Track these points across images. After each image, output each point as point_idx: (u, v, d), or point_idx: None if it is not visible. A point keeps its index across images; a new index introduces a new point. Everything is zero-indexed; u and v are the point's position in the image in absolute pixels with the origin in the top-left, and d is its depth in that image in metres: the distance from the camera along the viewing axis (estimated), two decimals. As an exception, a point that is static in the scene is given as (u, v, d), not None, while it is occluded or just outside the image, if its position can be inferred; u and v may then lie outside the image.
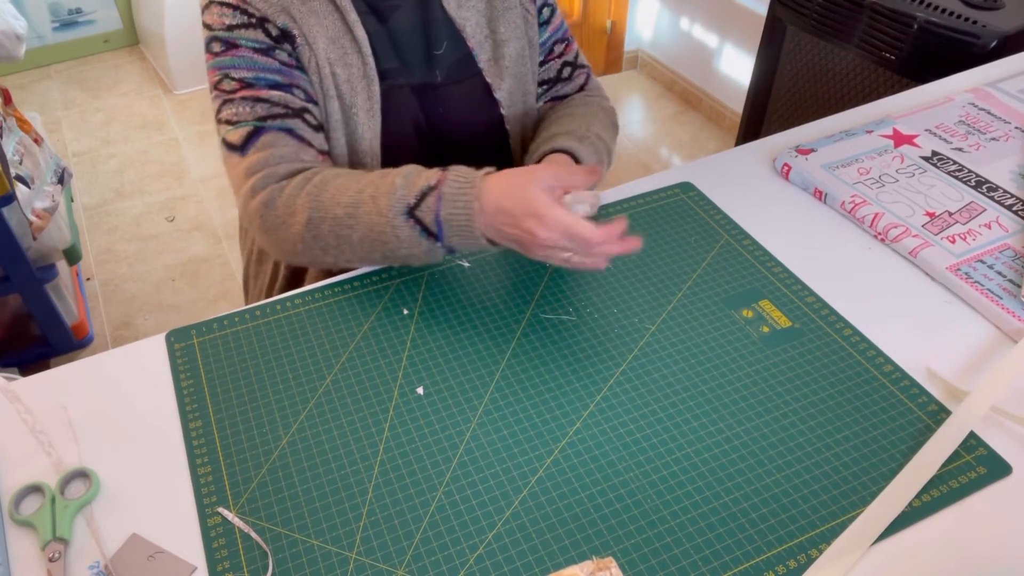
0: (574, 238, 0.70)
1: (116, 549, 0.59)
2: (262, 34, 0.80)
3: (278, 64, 0.81)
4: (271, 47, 0.81)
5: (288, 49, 0.81)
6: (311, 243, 0.78)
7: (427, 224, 0.74)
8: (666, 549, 0.59)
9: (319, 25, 0.82)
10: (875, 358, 0.72)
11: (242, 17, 0.80)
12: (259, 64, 0.80)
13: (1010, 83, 1.08)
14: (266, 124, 0.80)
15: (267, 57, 0.80)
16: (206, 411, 0.69)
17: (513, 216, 0.71)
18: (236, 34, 0.80)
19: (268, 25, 0.80)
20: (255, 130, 0.80)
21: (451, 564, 0.58)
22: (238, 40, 0.80)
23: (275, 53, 0.81)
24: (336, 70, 0.83)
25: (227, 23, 0.80)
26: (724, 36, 2.40)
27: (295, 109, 0.82)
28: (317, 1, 0.82)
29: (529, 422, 0.68)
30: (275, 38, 0.81)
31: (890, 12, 1.45)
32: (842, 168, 0.92)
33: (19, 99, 2.13)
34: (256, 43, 0.80)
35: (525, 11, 0.93)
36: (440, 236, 0.74)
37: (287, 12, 0.81)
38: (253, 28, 0.80)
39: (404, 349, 0.74)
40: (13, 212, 1.48)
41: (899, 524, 0.60)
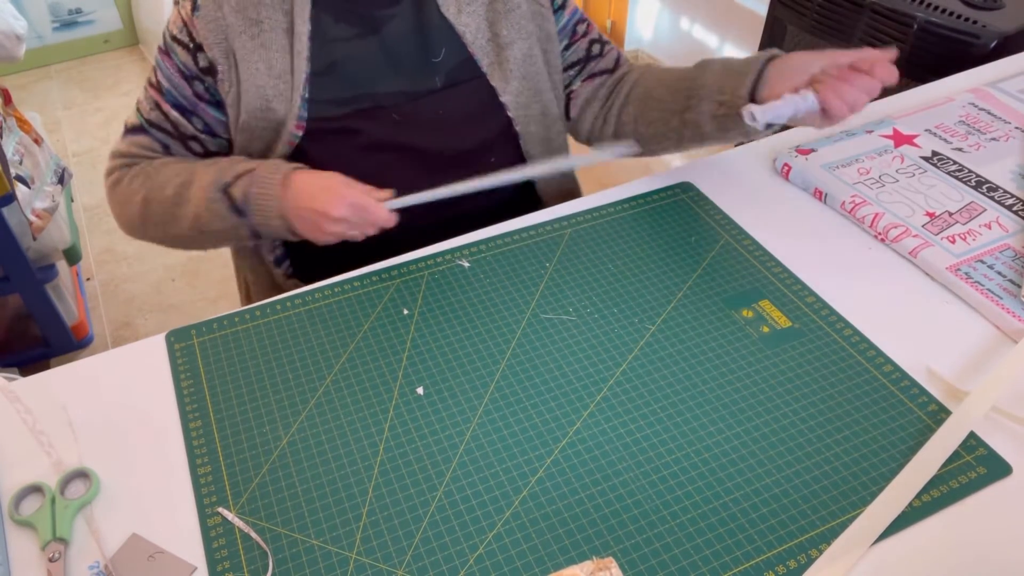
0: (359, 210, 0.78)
1: (116, 549, 0.59)
2: (191, 60, 0.84)
3: (190, 92, 0.86)
4: (192, 75, 0.85)
5: (207, 82, 0.85)
6: (146, 220, 0.87)
7: (236, 200, 0.81)
8: (666, 549, 0.59)
9: (263, 60, 0.82)
10: (875, 358, 0.72)
11: (184, 35, 0.83)
12: (175, 82, 0.86)
13: (1010, 83, 1.08)
14: (150, 130, 0.88)
15: (184, 81, 0.85)
16: (206, 411, 0.69)
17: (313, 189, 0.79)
18: (173, 46, 0.84)
19: (199, 54, 0.83)
20: (140, 127, 0.89)
21: (451, 564, 0.58)
22: (172, 52, 0.85)
23: (193, 83, 0.85)
24: (274, 104, 0.84)
25: (173, 32, 0.84)
26: (724, 36, 2.39)
27: (182, 133, 0.88)
28: (271, 32, 0.82)
29: (529, 422, 0.68)
30: (200, 68, 0.84)
31: (890, 12, 1.45)
32: (842, 168, 0.92)
33: (19, 99, 2.12)
34: (182, 65, 0.85)
35: (537, 4, 0.92)
36: (245, 213, 0.81)
37: (226, 44, 0.82)
38: (186, 51, 0.84)
39: (404, 349, 0.74)
40: (13, 212, 1.48)
41: (899, 524, 0.60)
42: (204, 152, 0.90)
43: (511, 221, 0.89)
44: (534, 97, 0.93)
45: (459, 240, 0.86)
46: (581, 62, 0.98)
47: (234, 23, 0.81)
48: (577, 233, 0.87)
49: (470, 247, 0.85)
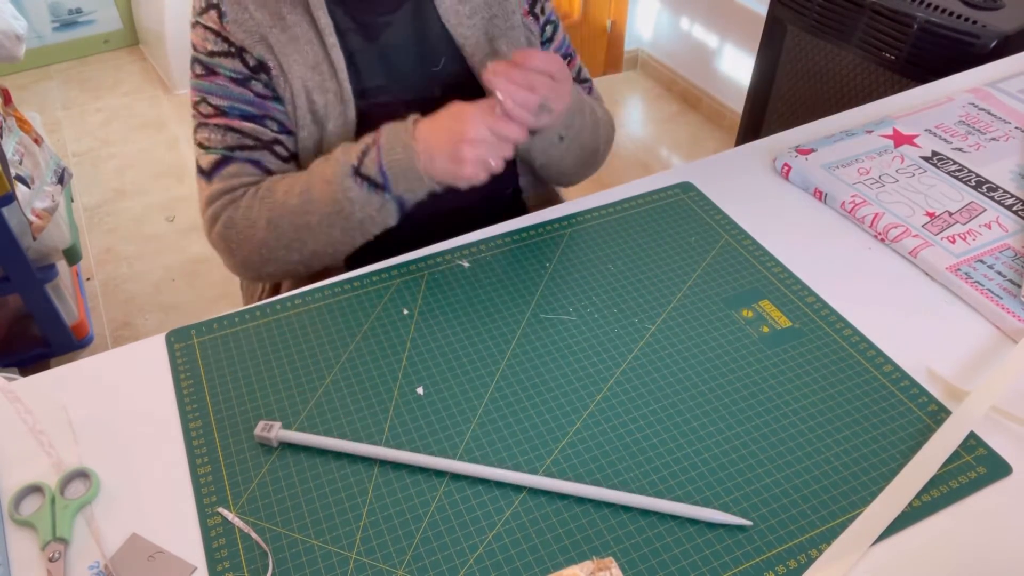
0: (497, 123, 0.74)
1: (116, 549, 0.59)
2: (239, 64, 0.82)
3: (252, 95, 0.83)
4: (247, 77, 0.82)
5: (264, 80, 0.83)
6: (275, 244, 0.81)
7: (373, 177, 0.77)
8: (666, 549, 0.59)
9: (298, 52, 0.82)
10: (875, 358, 0.72)
11: (222, 44, 0.81)
12: (234, 94, 0.82)
13: (1010, 83, 1.08)
14: (234, 154, 0.84)
15: (242, 88, 0.82)
16: (206, 411, 0.69)
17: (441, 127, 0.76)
18: (216, 61, 0.82)
19: (246, 55, 0.82)
20: (223, 159, 0.84)
21: (451, 564, 0.58)
22: (217, 67, 0.82)
23: (250, 84, 0.83)
24: (314, 96, 0.84)
25: (209, 48, 0.82)
26: (724, 36, 2.40)
27: (265, 141, 0.84)
28: (298, 27, 0.82)
29: (529, 422, 0.68)
30: (252, 68, 0.82)
31: (890, 12, 1.45)
32: (842, 168, 0.92)
33: (19, 99, 2.12)
34: (233, 72, 0.82)
35: (528, 31, 0.92)
36: (387, 186, 0.77)
37: (265, 41, 0.81)
38: (231, 57, 0.82)
39: (404, 349, 0.74)
40: (13, 212, 1.48)
41: (899, 524, 0.60)
42: (289, 154, 0.87)
43: (511, 221, 0.89)
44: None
45: (459, 240, 0.86)
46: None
47: (262, 19, 0.81)
48: (577, 233, 0.87)
49: (470, 247, 0.85)
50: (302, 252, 0.82)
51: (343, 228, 0.80)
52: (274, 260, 0.84)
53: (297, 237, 0.81)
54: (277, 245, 0.82)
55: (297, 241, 0.81)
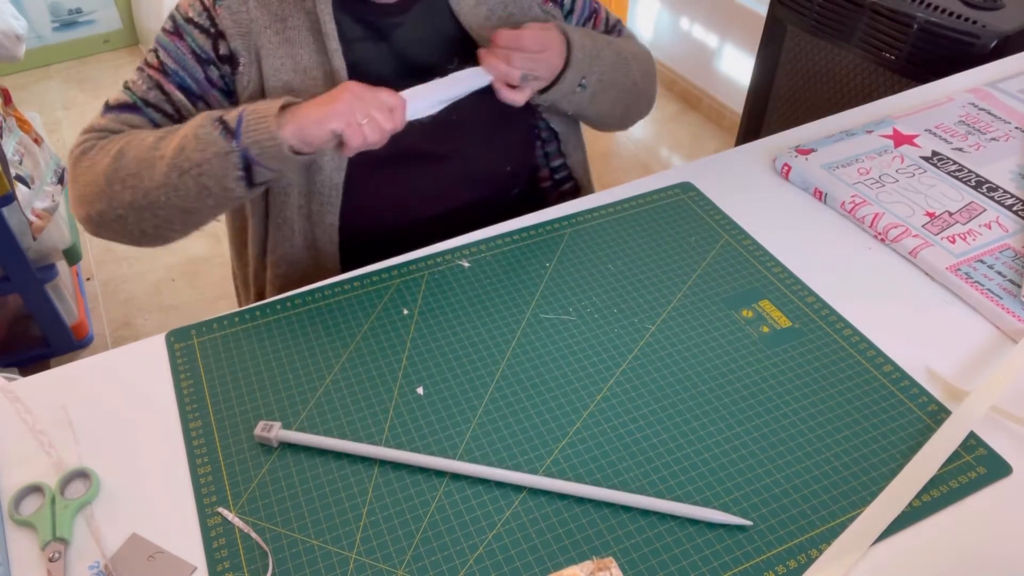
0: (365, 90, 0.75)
1: (116, 549, 0.59)
2: (210, 46, 0.81)
3: (203, 76, 0.82)
4: (209, 60, 0.82)
5: (224, 71, 0.83)
6: (112, 176, 0.77)
7: (228, 121, 0.74)
8: (666, 549, 0.59)
9: (290, 56, 0.82)
10: (875, 358, 0.72)
11: (205, 20, 0.81)
12: (186, 63, 0.82)
13: (1010, 83, 1.08)
14: (145, 109, 0.82)
15: (198, 64, 0.82)
16: (206, 411, 0.69)
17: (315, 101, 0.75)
18: (188, 28, 0.82)
19: (220, 42, 0.81)
20: (132, 104, 0.82)
21: (451, 564, 0.58)
22: (186, 34, 0.82)
23: (208, 67, 0.82)
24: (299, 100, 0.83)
25: (189, 15, 0.82)
26: (724, 36, 2.40)
27: (182, 115, 0.83)
28: (297, 31, 0.82)
29: (529, 422, 0.68)
30: (219, 55, 0.82)
31: (890, 12, 1.45)
32: (842, 168, 0.92)
33: (19, 99, 2.12)
34: (199, 48, 0.82)
35: (550, 16, 0.92)
36: (238, 132, 0.73)
37: (248, 38, 0.81)
38: (205, 35, 0.81)
39: (404, 349, 0.74)
40: (13, 212, 1.48)
41: (899, 524, 0.60)
42: None
43: (511, 221, 0.89)
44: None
45: (459, 240, 0.86)
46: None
47: (259, 18, 0.81)
48: (577, 233, 0.87)
49: (470, 247, 0.85)
50: (135, 190, 0.77)
51: (181, 170, 0.75)
52: (106, 195, 0.78)
53: (135, 171, 0.76)
54: (114, 177, 0.77)
55: (134, 176, 0.77)
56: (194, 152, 0.74)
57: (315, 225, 0.88)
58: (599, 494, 0.61)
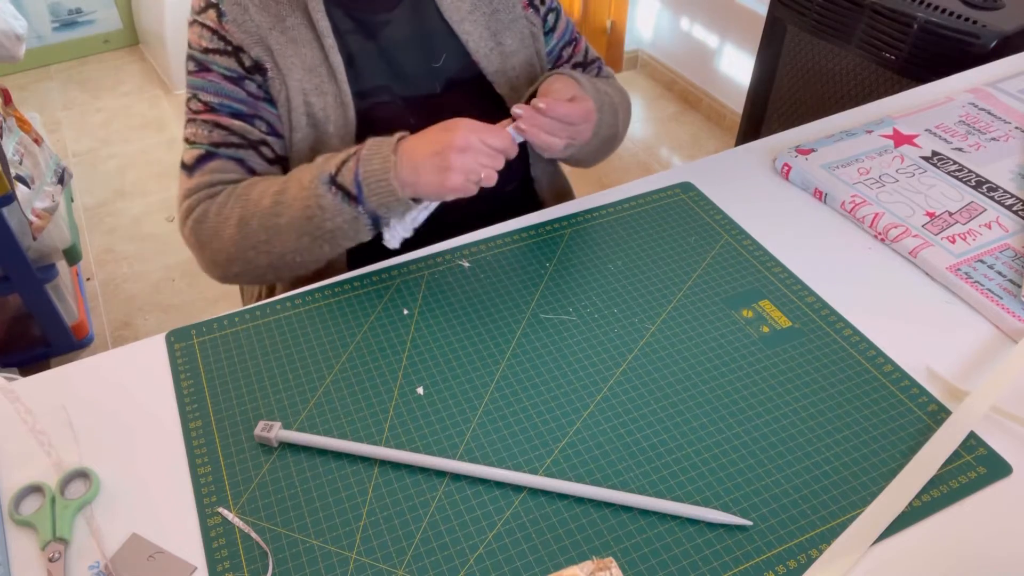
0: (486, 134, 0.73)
1: (116, 549, 0.59)
2: (235, 62, 0.82)
3: (245, 94, 0.83)
4: (241, 76, 0.82)
5: (258, 80, 0.83)
6: (243, 244, 0.80)
7: (347, 187, 0.75)
8: (666, 549, 0.59)
9: (296, 55, 0.82)
10: (875, 358, 0.72)
11: (219, 42, 0.81)
12: (226, 91, 0.82)
13: (1010, 83, 1.08)
14: (219, 151, 0.83)
15: (235, 85, 0.82)
16: (206, 411, 0.69)
17: (427, 139, 0.74)
18: (210, 58, 0.82)
19: (242, 55, 0.81)
20: (207, 154, 0.83)
21: (451, 564, 0.58)
22: (211, 64, 0.82)
23: (244, 83, 0.82)
24: (311, 99, 0.83)
25: (204, 45, 0.82)
26: (724, 36, 2.40)
27: (251, 140, 0.83)
28: (297, 30, 0.82)
29: (529, 422, 0.68)
30: (247, 68, 0.82)
31: (890, 12, 1.45)
32: (842, 168, 0.92)
33: (19, 99, 2.13)
34: (227, 70, 0.82)
35: (530, 23, 0.92)
36: (360, 198, 0.75)
37: (264, 43, 0.81)
38: (227, 55, 0.81)
39: (404, 349, 0.74)
40: (13, 212, 1.48)
41: (899, 524, 0.60)
42: (275, 156, 0.86)
43: (511, 221, 0.89)
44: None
45: (459, 240, 0.86)
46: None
47: (262, 22, 0.81)
48: (577, 233, 0.87)
49: (470, 247, 0.85)
50: (270, 255, 0.80)
51: (312, 236, 0.78)
52: (241, 260, 0.81)
53: (266, 239, 0.79)
54: (245, 245, 0.80)
55: (265, 243, 0.79)
56: (323, 221, 0.76)
57: None
58: (599, 494, 0.61)
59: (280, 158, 0.87)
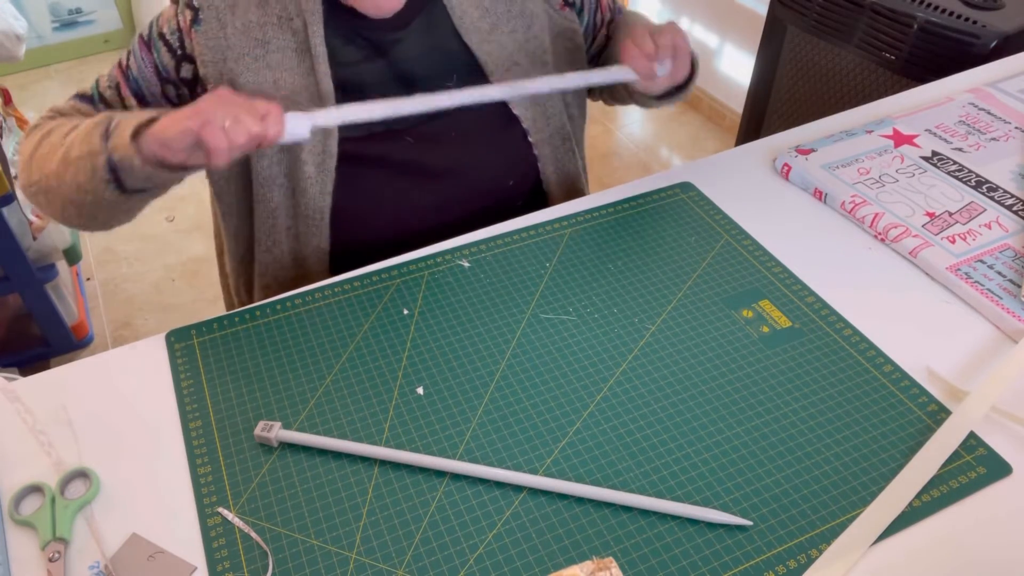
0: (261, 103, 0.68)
1: (116, 549, 0.59)
2: (173, 65, 0.82)
3: (159, 91, 0.83)
4: (168, 79, 0.83)
5: (183, 93, 0.83)
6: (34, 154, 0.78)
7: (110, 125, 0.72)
8: (666, 549, 0.59)
9: (268, 80, 0.81)
10: (875, 358, 0.72)
11: (175, 40, 0.81)
12: (146, 75, 0.83)
13: (1010, 83, 1.08)
14: (97, 104, 0.84)
15: (157, 79, 0.83)
16: (206, 411, 0.69)
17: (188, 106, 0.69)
18: (158, 43, 0.82)
19: (184, 64, 0.82)
20: (89, 96, 0.84)
21: (451, 564, 0.58)
22: (154, 48, 0.82)
23: (166, 85, 0.83)
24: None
25: (163, 30, 0.82)
26: (724, 36, 2.40)
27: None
28: (282, 53, 0.81)
29: (529, 422, 0.68)
30: (181, 77, 0.82)
31: (890, 12, 1.45)
32: (842, 168, 0.92)
33: (19, 99, 2.12)
34: (161, 66, 0.82)
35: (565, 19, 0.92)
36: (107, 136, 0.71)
37: (224, 64, 0.80)
38: (172, 55, 0.82)
39: (404, 349, 0.74)
40: (13, 212, 1.48)
41: (899, 524, 0.60)
42: None
43: (511, 221, 0.89)
44: (547, 122, 0.93)
45: (459, 240, 0.86)
46: (604, 48, 1.01)
47: (236, 44, 0.80)
48: (577, 233, 0.87)
49: (470, 247, 0.85)
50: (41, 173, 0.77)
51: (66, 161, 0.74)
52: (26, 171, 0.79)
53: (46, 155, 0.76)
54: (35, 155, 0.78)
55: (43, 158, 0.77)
56: (77, 146, 0.73)
57: (303, 246, 0.88)
58: (599, 494, 0.61)
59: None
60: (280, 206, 0.86)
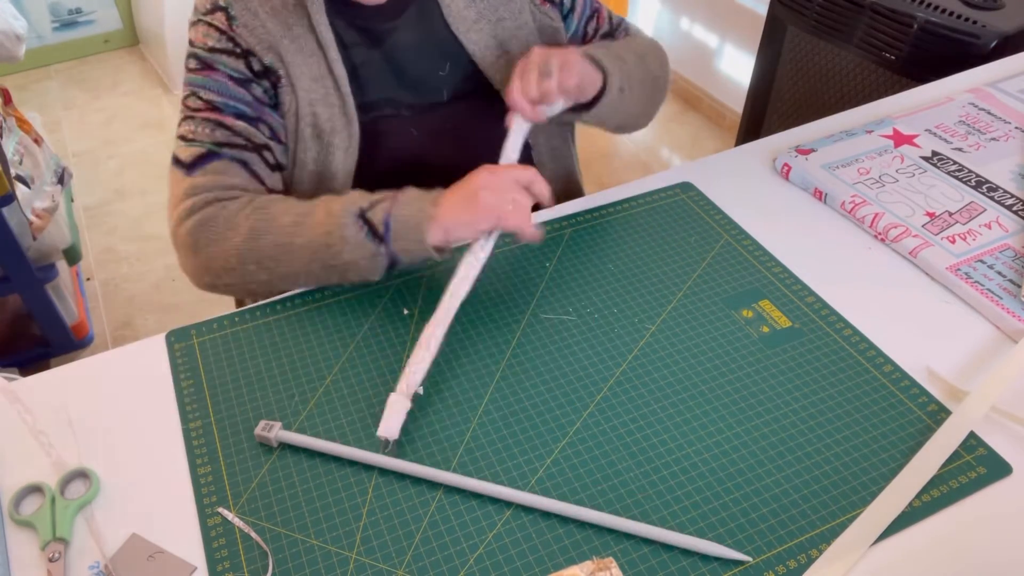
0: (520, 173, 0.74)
1: (116, 549, 0.59)
2: (243, 65, 0.80)
3: (251, 97, 0.81)
4: (248, 79, 0.81)
5: (265, 86, 0.82)
6: (247, 256, 0.76)
7: (375, 224, 0.73)
8: (666, 549, 0.59)
9: (304, 64, 0.82)
10: (875, 358, 0.72)
11: (227, 43, 0.80)
12: (231, 91, 0.80)
13: (1010, 83, 1.08)
14: (222, 151, 0.80)
15: (242, 88, 0.80)
16: (206, 411, 0.69)
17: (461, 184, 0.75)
18: (216, 57, 0.80)
19: (252, 59, 0.80)
20: (209, 153, 0.80)
21: (451, 564, 0.58)
22: (216, 63, 0.80)
23: (250, 86, 0.81)
24: (317, 109, 0.83)
25: (210, 44, 0.80)
26: (724, 36, 2.40)
27: (256, 143, 0.81)
28: (304, 39, 0.81)
29: (529, 422, 0.68)
30: (256, 72, 0.81)
31: (890, 12, 1.45)
32: (842, 168, 0.92)
33: (19, 99, 2.12)
34: (234, 71, 0.80)
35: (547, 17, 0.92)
36: (387, 238, 0.73)
37: (275, 50, 0.80)
38: (235, 57, 0.80)
39: (404, 349, 0.74)
40: (13, 212, 1.48)
41: (899, 524, 0.60)
42: (276, 163, 0.84)
43: (511, 221, 0.88)
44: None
45: (459, 240, 0.86)
46: None
47: (274, 29, 0.80)
48: (577, 233, 0.87)
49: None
50: (271, 273, 0.77)
51: (324, 264, 0.76)
52: (239, 271, 0.77)
53: (273, 256, 0.76)
54: (249, 257, 0.76)
55: (271, 260, 0.76)
56: (342, 252, 0.74)
57: None
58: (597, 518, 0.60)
59: (280, 165, 0.86)
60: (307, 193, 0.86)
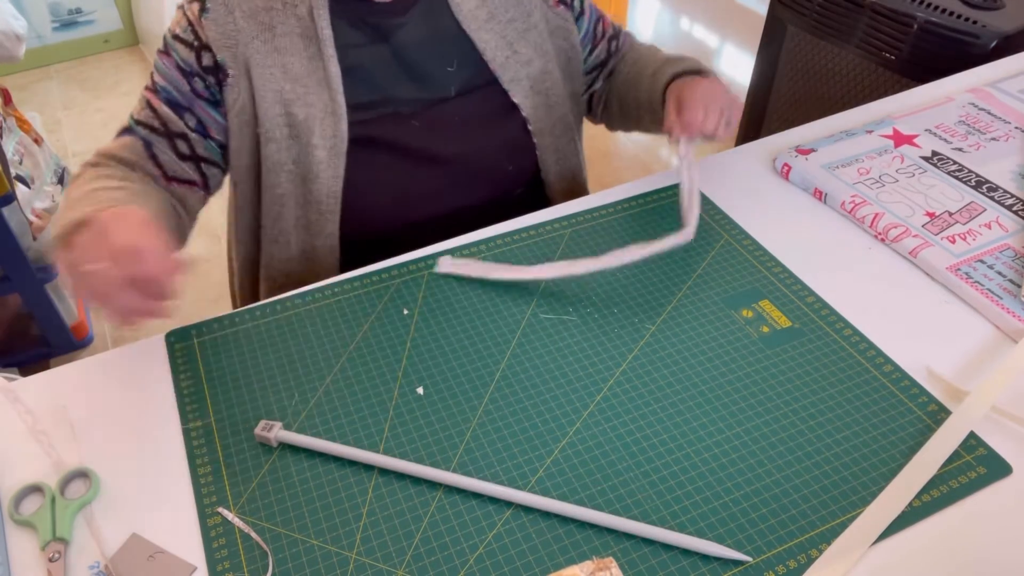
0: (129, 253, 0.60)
1: (116, 549, 0.59)
2: (193, 57, 0.82)
3: (188, 88, 0.83)
4: (192, 72, 0.83)
5: (210, 82, 0.83)
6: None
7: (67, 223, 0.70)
8: (666, 549, 0.59)
9: (280, 65, 0.82)
10: (875, 358, 0.72)
11: (189, 34, 0.82)
12: (172, 78, 0.83)
13: (1010, 83, 1.08)
14: (136, 128, 0.85)
15: (182, 77, 0.83)
16: (206, 411, 0.69)
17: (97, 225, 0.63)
18: (174, 44, 0.83)
19: (205, 54, 0.82)
20: (127, 127, 0.85)
21: (451, 564, 0.58)
22: (172, 50, 0.83)
23: (192, 79, 0.83)
24: (293, 109, 0.83)
25: (176, 32, 0.83)
26: (724, 36, 2.40)
27: (170, 130, 0.84)
28: (288, 38, 0.82)
29: (529, 422, 0.68)
30: (203, 67, 0.82)
31: (890, 12, 1.45)
32: (842, 168, 0.92)
33: (19, 99, 2.12)
34: (183, 61, 0.83)
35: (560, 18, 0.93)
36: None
37: (236, 48, 0.81)
38: (189, 48, 0.82)
39: (404, 349, 0.74)
40: (13, 212, 1.48)
41: (899, 524, 0.60)
42: (191, 153, 0.86)
43: (511, 221, 0.89)
44: (548, 112, 0.94)
45: (459, 240, 0.86)
46: (603, 63, 1.02)
47: (245, 28, 0.81)
48: (577, 233, 0.87)
49: (470, 247, 0.85)
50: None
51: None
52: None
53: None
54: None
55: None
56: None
57: (314, 236, 0.88)
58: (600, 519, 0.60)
59: (197, 157, 0.86)
60: (288, 194, 0.86)
